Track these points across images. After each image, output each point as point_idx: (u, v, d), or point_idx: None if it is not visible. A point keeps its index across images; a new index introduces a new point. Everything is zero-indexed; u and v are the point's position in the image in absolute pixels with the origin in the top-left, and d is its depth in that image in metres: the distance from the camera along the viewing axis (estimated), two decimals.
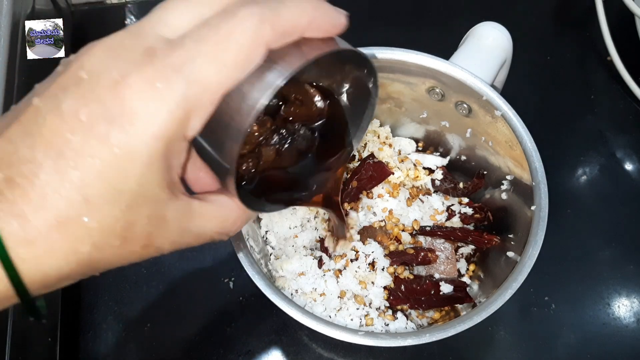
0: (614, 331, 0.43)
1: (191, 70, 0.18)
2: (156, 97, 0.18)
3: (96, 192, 0.18)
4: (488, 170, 0.41)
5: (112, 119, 0.18)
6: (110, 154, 0.18)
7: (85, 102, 0.18)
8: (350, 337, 0.31)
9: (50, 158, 0.17)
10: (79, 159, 0.17)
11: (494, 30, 0.39)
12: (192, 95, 0.19)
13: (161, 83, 0.18)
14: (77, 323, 0.43)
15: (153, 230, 0.20)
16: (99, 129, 0.18)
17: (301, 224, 0.41)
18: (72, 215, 0.18)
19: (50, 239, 0.18)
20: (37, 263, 0.18)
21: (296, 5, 0.20)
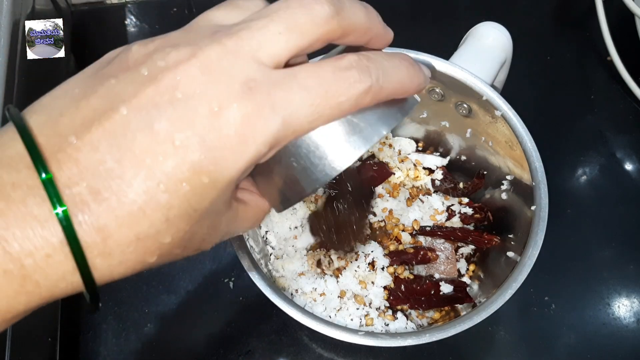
0: (614, 331, 0.43)
1: (289, 113, 0.19)
2: (251, 134, 0.18)
3: (177, 212, 0.18)
4: (488, 170, 0.41)
5: (206, 150, 0.18)
6: (198, 182, 0.18)
7: (180, 128, 0.18)
8: (350, 337, 0.31)
9: (140, 178, 0.17)
10: (169, 183, 0.18)
11: (494, 30, 0.39)
12: (281, 135, 0.19)
13: (259, 121, 0.18)
14: (77, 323, 0.43)
15: (207, 237, 0.21)
16: (193, 157, 0.18)
17: (301, 224, 0.41)
18: (151, 234, 0.18)
19: (126, 252, 0.18)
20: (109, 271, 0.19)
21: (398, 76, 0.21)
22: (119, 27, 0.56)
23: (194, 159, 0.18)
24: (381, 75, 0.20)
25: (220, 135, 0.18)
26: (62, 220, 0.17)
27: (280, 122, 0.19)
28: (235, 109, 0.18)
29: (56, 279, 0.17)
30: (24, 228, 0.17)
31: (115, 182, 0.17)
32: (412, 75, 0.22)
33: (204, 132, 0.18)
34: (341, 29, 0.20)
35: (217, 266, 0.44)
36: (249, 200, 0.23)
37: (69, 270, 0.17)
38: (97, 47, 0.53)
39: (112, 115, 0.18)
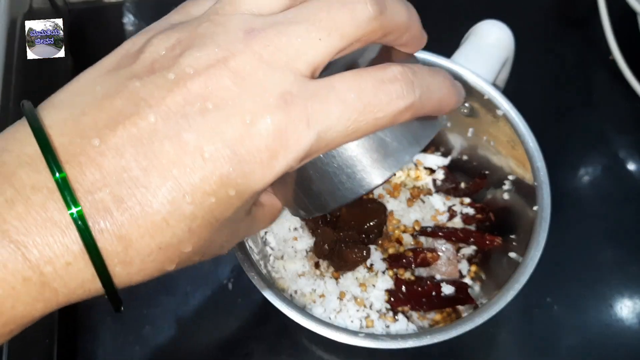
0: (617, 332, 0.43)
1: (324, 128, 0.18)
2: (283, 149, 0.18)
3: (200, 223, 0.18)
4: (490, 170, 0.41)
5: (236, 163, 0.17)
6: (224, 194, 0.17)
7: (210, 140, 0.17)
8: (350, 339, 0.30)
9: (166, 189, 0.17)
10: (196, 195, 0.17)
11: (495, 29, 0.39)
12: (315, 149, 0.18)
13: (292, 136, 0.17)
14: (74, 325, 0.42)
15: (225, 243, 0.21)
16: (221, 170, 0.17)
17: (301, 225, 0.41)
18: (173, 243, 0.18)
19: (146, 261, 0.18)
20: (128, 279, 0.18)
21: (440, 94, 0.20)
22: (117, 25, 0.56)
23: (222, 172, 0.17)
24: (425, 92, 0.19)
25: (251, 149, 0.17)
26: (78, 222, 0.16)
27: (314, 137, 0.18)
28: (269, 123, 0.17)
29: (75, 286, 0.17)
30: (44, 235, 0.16)
31: (140, 191, 0.17)
32: (452, 94, 0.21)
33: (235, 145, 0.17)
34: (383, 29, 0.19)
35: (216, 267, 0.44)
36: (265, 201, 0.23)
37: (88, 278, 0.17)
38: (95, 46, 0.53)
39: (138, 121, 0.17)
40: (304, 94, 0.18)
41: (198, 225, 0.18)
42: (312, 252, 0.40)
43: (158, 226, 0.17)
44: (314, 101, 0.18)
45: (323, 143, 0.18)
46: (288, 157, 0.18)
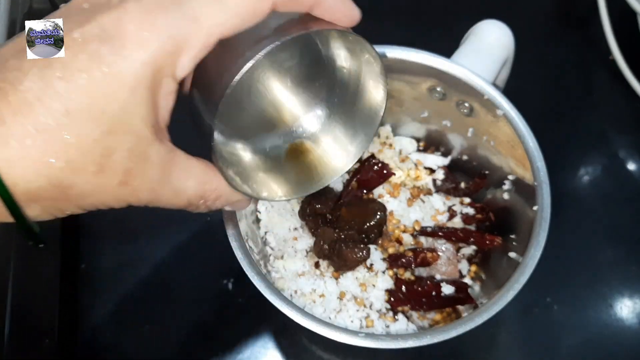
0: (617, 332, 0.43)
1: (191, 6, 0.18)
2: (150, 25, 0.18)
3: (78, 106, 0.18)
4: (490, 170, 0.41)
5: (105, 40, 0.18)
6: (98, 71, 0.18)
7: (81, 24, 0.18)
8: (350, 339, 0.30)
9: (36, 67, 0.17)
10: (66, 71, 0.17)
11: (495, 29, 0.39)
12: (187, 31, 0.18)
13: (158, 13, 0.18)
14: (74, 324, 0.42)
15: (133, 166, 0.19)
16: (91, 46, 0.18)
17: (301, 225, 0.41)
18: (50, 125, 0.17)
19: (25, 145, 0.17)
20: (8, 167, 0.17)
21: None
22: None
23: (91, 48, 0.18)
24: None
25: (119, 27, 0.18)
26: None
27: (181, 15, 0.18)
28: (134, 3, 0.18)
29: None
30: None
31: (12, 74, 0.17)
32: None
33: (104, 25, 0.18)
34: None
35: (216, 267, 0.44)
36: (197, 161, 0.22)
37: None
38: None
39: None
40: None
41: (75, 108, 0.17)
42: (312, 252, 0.40)
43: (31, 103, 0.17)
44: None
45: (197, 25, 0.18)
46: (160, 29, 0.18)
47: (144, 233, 0.45)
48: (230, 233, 0.33)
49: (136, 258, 0.44)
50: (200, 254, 0.45)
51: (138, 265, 0.44)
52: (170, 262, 0.45)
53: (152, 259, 0.44)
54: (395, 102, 0.42)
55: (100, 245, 0.45)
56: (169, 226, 0.45)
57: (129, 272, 0.44)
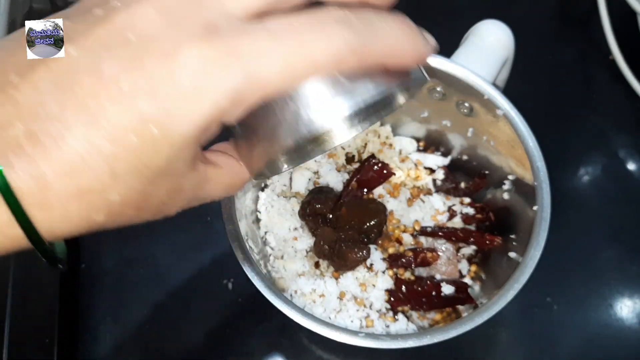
0: (617, 332, 0.42)
1: (254, 62, 0.17)
2: (208, 85, 0.16)
3: (124, 166, 0.17)
4: (490, 170, 0.41)
5: (157, 99, 0.16)
6: (147, 134, 0.16)
7: (130, 72, 0.16)
8: (350, 338, 0.30)
9: (81, 123, 0.16)
10: (114, 132, 0.16)
11: (495, 29, 0.39)
12: (245, 89, 0.17)
13: (217, 69, 0.16)
14: (75, 324, 0.42)
15: (168, 200, 0.19)
16: (141, 104, 0.16)
17: (301, 225, 0.41)
18: (95, 187, 0.17)
19: (68, 207, 0.17)
20: (50, 226, 0.17)
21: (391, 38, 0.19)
22: None
23: (142, 108, 0.16)
24: (369, 34, 0.18)
25: (173, 83, 0.16)
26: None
27: (242, 73, 0.16)
28: (191, 56, 0.16)
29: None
30: None
31: (54, 126, 0.16)
32: (410, 39, 0.19)
33: (155, 79, 0.16)
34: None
35: (216, 267, 0.44)
36: (223, 163, 0.21)
37: (5, 221, 0.16)
38: None
39: (59, 56, 0.16)
40: (232, 29, 0.17)
41: (122, 169, 0.17)
42: (312, 252, 0.40)
43: (76, 165, 0.16)
44: (244, 37, 0.17)
45: (256, 83, 0.17)
46: (215, 94, 0.17)
47: (144, 233, 0.45)
48: (230, 233, 0.33)
49: (136, 258, 0.44)
50: (200, 254, 0.45)
51: (138, 265, 0.44)
52: (170, 262, 0.44)
53: (152, 259, 0.44)
54: None
55: (101, 246, 0.45)
56: (169, 226, 0.45)
57: (129, 272, 0.44)
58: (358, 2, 0.19)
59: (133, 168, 0.17)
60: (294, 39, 0.17)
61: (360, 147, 0.44)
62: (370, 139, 0.44)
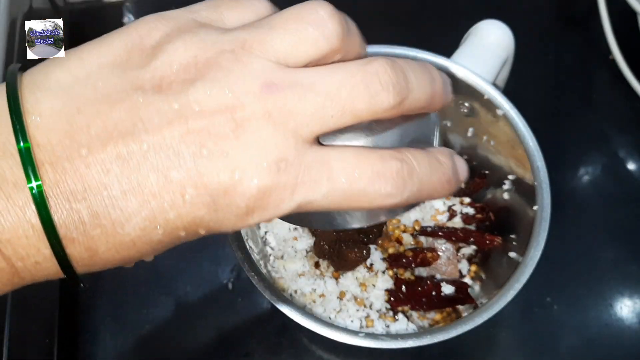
0: (617, 332, 0.42)
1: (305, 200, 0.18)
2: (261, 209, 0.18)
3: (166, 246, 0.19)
4: (490, 170, 0.41)
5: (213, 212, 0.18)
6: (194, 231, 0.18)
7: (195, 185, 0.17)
8: (350, 338, 0.30)
9: (140, 217, 0.17)
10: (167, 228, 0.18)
11: (495, 28, 0.39)
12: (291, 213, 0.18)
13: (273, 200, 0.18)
14: (74, 324, 0.42)
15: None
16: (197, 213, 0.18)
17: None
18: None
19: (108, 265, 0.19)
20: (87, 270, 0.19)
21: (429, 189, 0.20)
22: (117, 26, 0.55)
23: (197, 215, 0.18)
24: (414, 193, 0.19)
25: (231, 203, 0.17)
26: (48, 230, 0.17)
27: (295, 206, 0.18)
28: (255, 184, 0.17)
29: (39, 278, 0.19)
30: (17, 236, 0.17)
31: (116, 212, 0.17)
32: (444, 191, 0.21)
33: (216, 196, 0.17)
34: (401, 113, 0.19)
35: (216, 267, 0.44)
36: None
37: (53, 273, 0.18)
38: None
39: (131, 143, 0.17)
40: (298, 164, 0.18)
41: (163, 246, 0.19)
42: (312, 252, 0.40)
43: (125, 245, 0.18)
44: (306, 174, 0.18)
45: (303, 209, 0.18)
46: (263, 216, 0.18)
47: None
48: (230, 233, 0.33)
49: None
50: (200, 254, 0.45)
51: (138, 265, 0.44)
52: (170, 262, 0.44)
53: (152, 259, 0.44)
54: None
55: None
56: None
57: (128, 272, 0.44)
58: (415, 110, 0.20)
59: (172, 244, 0.19)
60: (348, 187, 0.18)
61: None
62: None
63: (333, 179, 0.18)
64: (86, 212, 0.17)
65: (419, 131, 0.21)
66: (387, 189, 0.18)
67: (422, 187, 0.19)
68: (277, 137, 0.17)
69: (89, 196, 0.17)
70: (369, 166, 0.18)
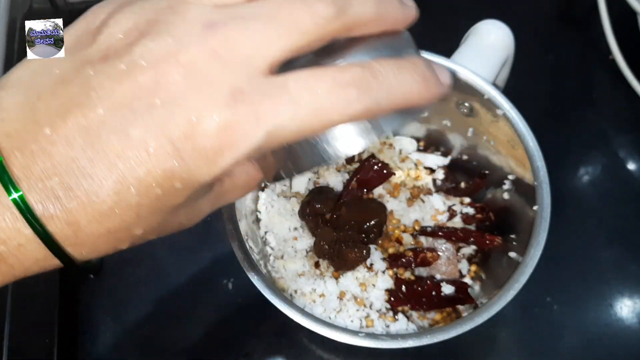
0: (617, 332, 0.42)
1: (274, 126, 0.18)
2: (229, 146, 0.18)
3: (148, 209, 0.18)
4: (490, 170, 0.41)
5: (180, 159, 0.17)
6: (170, 186, 0.18)
7: (155, 136, 0.17)
8: (350, 338, 0.30)
9: (112, 180, 0.17)
10: (140, 187, 0.18)
11: (495, 29, 0.39)
12: (264, 144, 0.18)
13: (239, 134, 0.17)
14: (74, 324, 0.42)
15: (186, 221, 0.21)
16: (165, 165, 0.17)
17: (301, 225, 0.41)
18: (122, 227, 0.18)
19: (97, 242, 0.19)
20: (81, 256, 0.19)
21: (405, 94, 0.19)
22: None
23: (166, 167, 0.17)
24: (384, 95, 0.19)
25: (196, 146, 0.17)
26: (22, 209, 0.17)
27: (263, 136, 0.18)
28: (215, 121, 0.17)
29: (29, 264, 0.18)
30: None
31: (87, 182, 0.17)
32: (423, 91, 0.20)
33: (179, 142, 0.17)
34: (345, 27, 0.19)
35: (216, 267, 0.44)
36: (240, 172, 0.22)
37: (42, 257, 0.18)
38: None
39: (87, 112, 0.17)
40: (255, 92, 0.18)
41: (146, 211, 0.18)
42: (312, 252, 0.40)
43: (105, 213, 0.18)
44: (265, 99, 0.18)
45: (275, 140, 0.18)
46: (234, 153, 0.18)
47: None
48: (230, 233, 0.33)
49: (136, 258, 0.44)
50: (200, 254, 0.45)
51: (138, 265, 0.44)
52: (171, 262, 0.44)
53: (152, 259, 0.44)
54: None
55: None
56: None
57: (129, 272, 0.44)
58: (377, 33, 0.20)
59: (155, 209, 0.18)
60: (312, 103, 0.18)
61: None
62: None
63: (294, 99, 0.18)
64: (59, 187, 0.17)
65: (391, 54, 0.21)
66: (352, 93, 0.18)
67: (392, 88, 0.19)
68: (228, 72, 0.17)
69: (59, 171, 0.17)
70: (327, 78, 0.18)
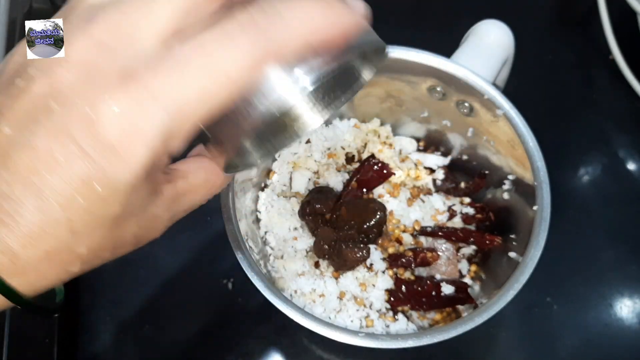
0: (617, 332, 0.42)
1: (173, 101, 0.17)
2: (134, 132, 0.17)
3: (81, 224, 0.17)
4: (490, 170, 0.41)
5: (90, 159, 0.16)
6: (90, 191, 0.17)
7: (59, 141, 0.16)
8: (350, 338, 0.30)
9: (31, 197, 0.16)
10: (60, 199, 0.17)
11: (495, 28, 0.39)
12: (173, 124, 0.17)
13: (139, 116, 0.16)
14: (74, 324, 0.42)
15: (143, 232, 0.20)
16: (77, 169, 0.16)
17: (301, 225, 0.41)
18: (61, 248, 0.17)
19: (41, 268, 0.18)
20: (32, 287, 0.18)
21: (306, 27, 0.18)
22: None
23: (79, 172, 0.17)
24: (279, 33, 0.17)
25: (100, 141, 0.16)
26: None
27: (164, 112, 0.17)
28: (111, 110, 0.16)
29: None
30: None
31: (9, 204, 0.17)
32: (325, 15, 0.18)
33: (83, 141, 0.16)
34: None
35: (216, 267, 0.44)
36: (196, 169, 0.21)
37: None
38: None
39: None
40: (144, 68, 0.17)
41: (80, 226, 0.17)
42: (312, 252, 0.40)
43: (37, 235, 0.17)
44: (156, 74, 0.17)
45: (183, 116, 0.17)
46: (144, 141, 0.17)
47: None
48: (230, 233, 0.33)
49: (136, 258, 0.44)
50: (200, 254, 0.45)
51: (138, 265, 0.44)
52: (171, 262, 0.44)
53: (152, 259, 0.44)
54: (395, 101, 0.42)
55: None
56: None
57: (129, 272, 0.44)
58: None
59: (90, 222, 0.17)
60: (203, 64, 0.17)
61: (360, 147, 0.44)
62: (370, 139, 0.44)
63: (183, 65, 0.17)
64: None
65: None
66: (242, 41, 0.17)
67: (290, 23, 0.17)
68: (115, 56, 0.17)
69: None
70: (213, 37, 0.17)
